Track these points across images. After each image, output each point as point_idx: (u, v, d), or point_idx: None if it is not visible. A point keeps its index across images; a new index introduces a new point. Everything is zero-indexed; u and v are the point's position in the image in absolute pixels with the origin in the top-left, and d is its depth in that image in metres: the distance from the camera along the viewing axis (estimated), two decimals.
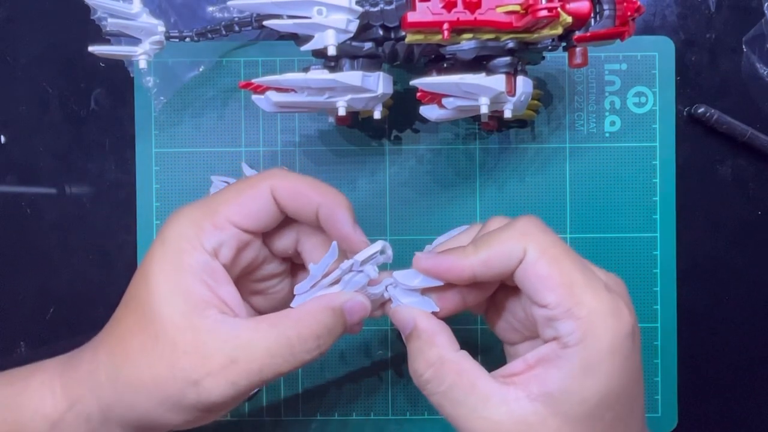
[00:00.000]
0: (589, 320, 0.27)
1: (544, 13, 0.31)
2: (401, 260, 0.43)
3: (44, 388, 0.31)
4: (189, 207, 0.31)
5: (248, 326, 0.29)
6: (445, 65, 0.37)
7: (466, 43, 0.34)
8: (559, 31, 0.34)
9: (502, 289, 0.33)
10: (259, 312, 0.35)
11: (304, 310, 0.31)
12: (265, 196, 0.31)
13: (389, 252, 0.33)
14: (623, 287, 0.31)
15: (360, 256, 0.32)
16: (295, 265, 0.36)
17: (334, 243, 0.33)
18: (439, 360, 0.30)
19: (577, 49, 0.36)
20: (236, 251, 0.31)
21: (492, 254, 0.29)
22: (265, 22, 0.35)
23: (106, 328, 0.32)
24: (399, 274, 0.32)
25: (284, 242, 0.34)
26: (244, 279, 0.33)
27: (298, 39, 0.36)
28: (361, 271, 0.32)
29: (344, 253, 0.33)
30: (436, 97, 0.36)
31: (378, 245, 0.32)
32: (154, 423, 0.29)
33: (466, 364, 0.29)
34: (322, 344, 0.30)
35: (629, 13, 0.34)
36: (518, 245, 0.29)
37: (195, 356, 0.28)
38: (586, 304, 0.27)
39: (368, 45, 0.35)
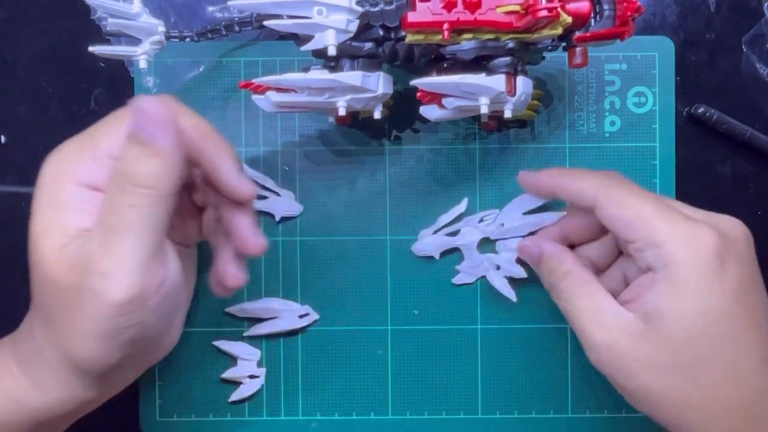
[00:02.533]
0: (668, 246, 0.31)
1: (544, 13, 0.31)
2: (401, 260, 0.43)
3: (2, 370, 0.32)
4: (68, 143, 0.31)
5: (127, 239, 0.29)
6: (445, 65, 0.37)
7: (466, 43, 0.34)
8: (559, 31, 0.34)
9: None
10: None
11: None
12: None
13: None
14: (732, 224, 0.33)
15: (477, 216, 0.42)
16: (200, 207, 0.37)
17: (465, 198, 0.42)
18: (568, 273, 0.35)
19: (577, 49, 0.36)
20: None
21: (570, 185, 0.35)
22: (265, 22, 0.35)
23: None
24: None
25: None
26: None
27: (298, 39, 0.36)
28: (477, 228, 0.42)
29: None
30: (436, 97, 0.36)
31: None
32: (96, 363, 0.30)
33: (592, 279, 0.34)
34: (156, 182, 0.29)
35: (629, 13, 0.34)
36: (588, 191, 0.33)
37: (79, 288, 0.28)
38: (662, 232, 0.31)
39: (368, 45, 0.35)
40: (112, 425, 0.43)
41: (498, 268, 0.42)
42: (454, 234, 0.42)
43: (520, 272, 0.41)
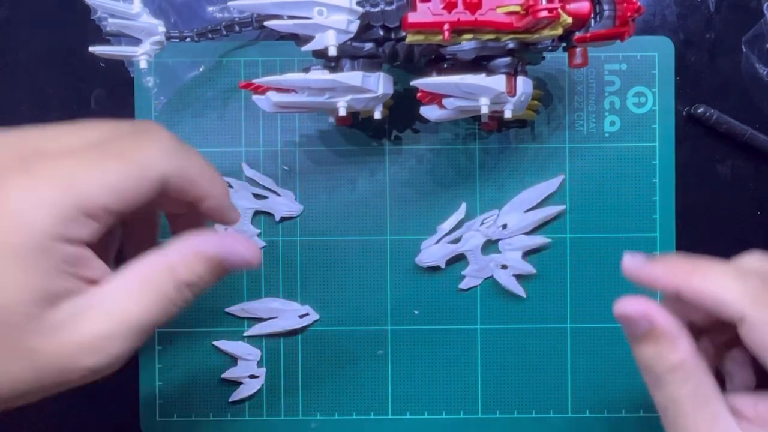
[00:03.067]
0: None
1: (544, 13, 0.31)
2: (401, 260, 0.43)
3: None
4: (46, 187, 0.24)
5: (113, 298, 0.25)
6: (445, 65, 0.37)
7: (467, 44, 0.34)
8: (560, 31, 0.34)
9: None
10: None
11: (176, 257, 0.26)
12: (154, 181, 0.26)
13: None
14: None
15: (478, 220, 0.41)
16: (171, 215, 0.33)
17: (463, 204, 0.41)
18: (681, 365, 0.27)
19: (577, 49, 0.36)
20: (103, 232, 0.25)
21: (705, 288, 0.26)
22: (265, 23, 0.35)
23: None
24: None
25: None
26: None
27: (298, 39, 0.36)
28: (479, 232, 0.41)
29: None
30: (436, 98, 0.36)
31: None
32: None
33: (705, 377, 0.27)
34: (196, 291, 0.27)
35: (629, 14, 0.34)
36: (737, 302, 0.26)
37: (57, 362, 0.24)
38: None
39: (369, 45, 0.35)
40: (112, 425, 0.43)
41: (504, 267, 0.42)
42: (456, 241, 0.42)
43: (530, 269, 0.42)
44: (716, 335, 0.30)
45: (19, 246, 0.23)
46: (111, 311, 0.25)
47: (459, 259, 0.43)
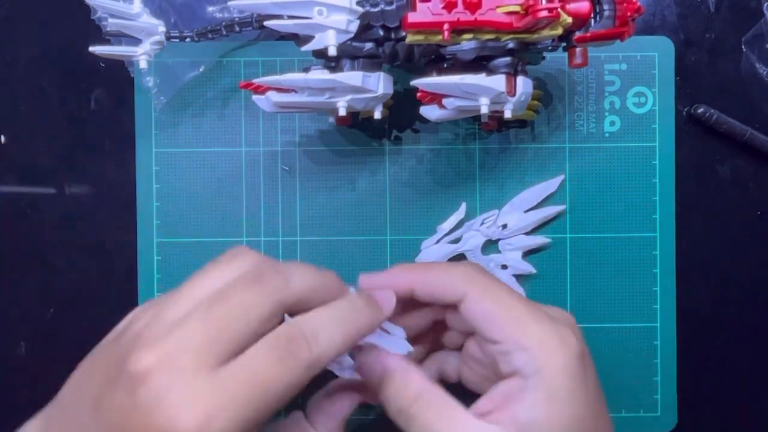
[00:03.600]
0: (539, 348, 0.29)
1: (544, 13, 0.31)
2: (401, 260, 0.43)
3: None
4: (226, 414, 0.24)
5: None
6: (445, 65, 0.37)
7: (467, 44, 0.34)
8: (559, 31, 0.34)
9: (465, 336, 0.34)
10: None
11: None
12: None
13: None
14: (571, 318, 0.32)
15: (478, 220, 0.42)
16: None
17: (463, 204, 0.42)
18: (419, 394, 0.30)
19: (577, 49, 0.36)
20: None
21: (432, 278, 0.31)
22: (265, 23, 0.35)
23: None
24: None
25: None
26: None
27: (298, 39, 0.36)
28: (479, 232, 0.41)
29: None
30: (436, 98, 0.36)
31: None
32: None
33: (446, 397, 0.30)
34: None
35: (629, 14, 0.34)
36: (457, 283, 0.30)
37: None
38: (533, 334, 0.29)
39: (369, 45, 0.35)
40: None
41: (504, 267, 0.42)
42: (456, 241, 0.42)
43: (530, 269, 0.42)
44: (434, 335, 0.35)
45: None
46: None
47: (459, 259, 0.43)
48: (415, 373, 0.30)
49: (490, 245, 0.43)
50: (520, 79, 0.36)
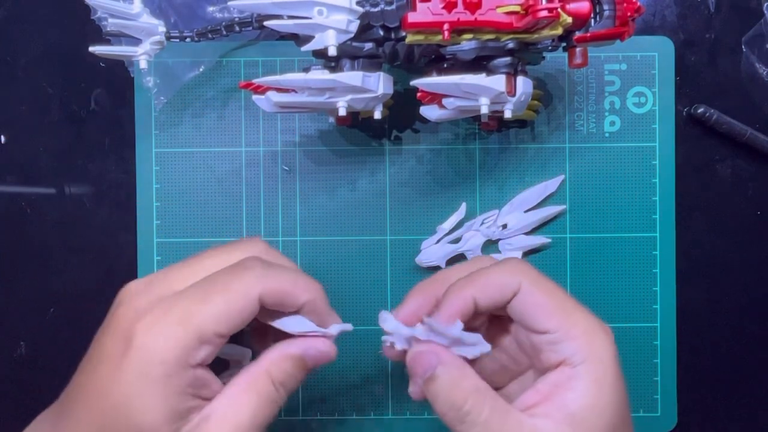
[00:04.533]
0: (587, 338, 0.30)
1: (544, 13, 0.31)
2: (401, 260, 0.43)
3: None
4: (167, 324, 0.29)
5: (226, 406, 0.30)
6: (445, 65, 0.37)
7: (467, 44, 0.34)
8: (559, 31, 0.34)
9: (490, 328, 0.34)
10: None
11: (268, 362, 0.31)
12: (254, 305, 0.30)
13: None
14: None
15: (478, 220, 0.42)
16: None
17: (463, 204, 0.42)
18: (476, 389, 0.30)
19: (577, 49, 0.36)
20: (216, 351, 0.30)
21: (489, 282, 0.31)
22: (265, 23, 0.35)
23: (63, 418, 0.30)
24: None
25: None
26: None
27: (298, 39, 0.36)
28: (479, 232, 0.41)
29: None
30: (436, 98, 0.36)
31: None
32: None
33: (497, 396, 0.30)
34: (289, 387, 0.32)
35: (629, 14, 0.34)
36: (513, 278, 0.31)
37: None
38: (581, 325, 0.30)
39: (369, 45, 0.35)
40: None
41: None
42: (456, 241, 0.42)
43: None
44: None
45: (156, 376, 0.28)
46: (226, 417, 0.29)
47: (459, 259, 0.43)
48: (470, 370, 0.31)
49: (490, 245, 0.43)
50: (520, 79, 0.36)
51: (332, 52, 0.34)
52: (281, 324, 0.32)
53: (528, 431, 0.29)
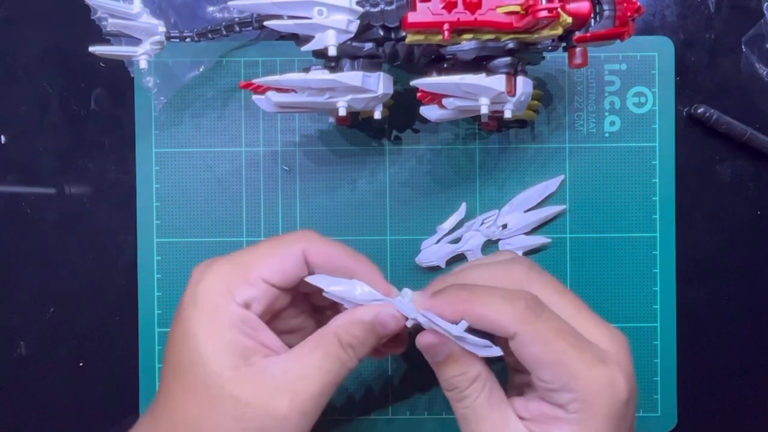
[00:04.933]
0: (585, 393, 0.29)
1: (544, 13, 0.31)
2: (401, 260, 0.43)
3: None
4: (218, 262, 0.32)
5: (294, 358, 0.31)
6: (445, 65, 0.37)
7: (467, 44, 0.34)
8: (559, 31, 0.34)
9: None
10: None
11: (336, 325, 0.32)
12: (298, 257, 0.32)
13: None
14: (623, 343, 0.32)
15: (478, 220, 0.42)
16: (316, 307, 0.37)
17: (464, 204, 0.42)
18: (478, 376, 0.31)
19: (577, 49, 0.36)
20: (267, 305, 0.32)
21: (485, 316, 0.30)
22: (265, 23, 0.35)
23: (158, 401, 0.32)
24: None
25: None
26: (274, 322, 0.34)
27: (298, 39, 0.36)
28: (479, 232, 0.41)
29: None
30: (436, 98, 0.36)
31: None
32: None
33: (500, 388, 0.32)
34: (358, 352, 0.32)
35: (629, 14, 0.34)
36: (510, 325, 0.30)
37: (258, 404, 0.29)
38: (580, 379, 0.29)
39: (369, 45, 0.35)
40: (112, 425, 0.43)
41: None
42: (456, 241, 0.42)
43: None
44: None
45: (204, 302, 0.31)
46: (293, 370, 0.31)
47: (459, 259, 0.43)
48: (478, 359, 0.32)
49: (490, 245, 0.43)
50: (520, 79, 0.36)
51: (332, 52, 0.34)
52: (342, 294, 0.32)
53: (513, 429, 0.31)
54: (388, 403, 0.43)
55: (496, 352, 0.31)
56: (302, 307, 0.36)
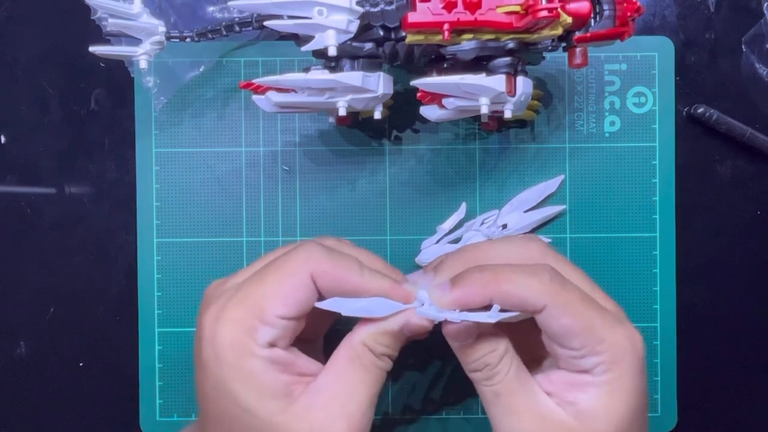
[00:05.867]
0: (611, 354, 0.30)
1: (544, 13, 0.31)
2: (401, 260, 0.43)
3: None
4: (229, 310, 0.31)
5: (335, 378, 0.31)
6: (445, 65, 0.37)
7: (467, 44, 0.34)
8: (559, 31, 0.34)
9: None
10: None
11: (365, 334, 0.31)
12: (308, 284, 0.31)
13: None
14: (622, 310, 0.33)
15: (478, 220, 0.42)
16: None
17: (464, 204, 0.42)
18: (507, 351, 0.32)
19: (577, 49, 0.36)
20: (290, 339, 0.31)
21: (512, 293, 0.31)
22: (265, 23, 0.35)
23: None
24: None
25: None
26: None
27: (298, 39, 0.36)
28: (479, 232, 0.41)
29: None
30: (436, 98, 0.36)
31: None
32: None
33: (520, 362, 0.32)
34: (392, 356, 0.32)
35: (629, 14, 0.34)
36: (538, 298, 0.30)
37: None
38: (606, 341, 0.30)
39: (369, 45, 0.35)
40: (112, 425, 0.43)
41: None
42: (456, 241, 0.42)
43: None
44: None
45: (229, 357, 0.30)
46: (338, 393, 0.30)
47: None
48: (503, 335, 0.32)
49: None
50: (520, 79, 0.36)
51: (332, 52, 0.34)
52: (362, 313, 0.32)
53: (540, 404, 0.31)
54: (387, 403, 0.43)
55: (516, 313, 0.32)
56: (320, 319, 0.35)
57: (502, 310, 0.31)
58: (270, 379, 0.30)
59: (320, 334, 0.38)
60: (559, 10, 0.32)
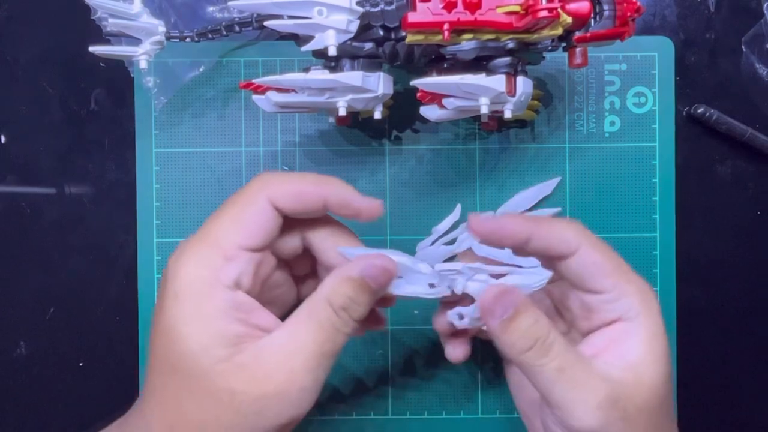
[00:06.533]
0: (641, 295, 0.31)
1: (544, 13, 0.31)
2: None
3: None
4: (190, 246, 0.30)
5: (287, 333, 0.30)
6: (445, 65, 0.37)
7: (467, 44, 0.34)
8: (559, 31, 0.34)
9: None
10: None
11: (325, 288, 0.30)
12: (266, 209, 0.31)
13: None
14: None
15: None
16: (296, 277, 0.36)
17: (458, 205, 0.42)
18: (551, 323, 0.31)
19: (577, 49, 0.36)
20: (255, 275, 0.30)
21: (552, 232, 0.32)
22: (265, 23, 0.35)
23: (147, 400, 0.30)
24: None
25: (291, 243, 0.33)
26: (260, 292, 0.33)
27: (298, 39, 0.36)
28: None
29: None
30: (436, 98, 0.36)
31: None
32: None
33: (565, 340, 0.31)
34: (353, 313, 0.30)
35: (629, 14, 0.34)
36: (575, 237, 0.32)
37: (256, 390, 0.28)
38: (634, 283, 0.32)
39: (369, 45, 0.35)
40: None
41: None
42: (452, 242, 0.42)
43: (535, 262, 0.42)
44: None
45: (189, 297, 0.29)
46: (285, 346, 0.29)
47: (454, 258, 0.43)
48: (540, 309, 0.31)
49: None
50: (520, 79, 0.36)
51: (332, 52, 0.34)
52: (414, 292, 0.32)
53: (599, 368, 0.30)
54: (387, 403, 0.43)
55: (547, 273, 0.33)
56: (285, 276, 0.35)
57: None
58: (222, 325, 0.29)
59: (288, 301, 0.36)
60: (559, 10, 0.32)
